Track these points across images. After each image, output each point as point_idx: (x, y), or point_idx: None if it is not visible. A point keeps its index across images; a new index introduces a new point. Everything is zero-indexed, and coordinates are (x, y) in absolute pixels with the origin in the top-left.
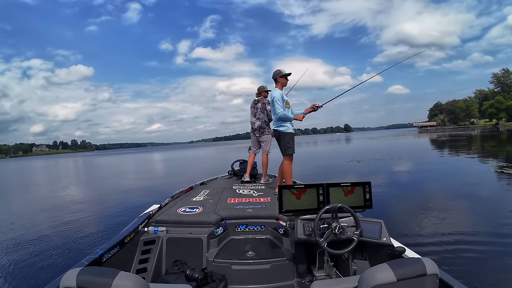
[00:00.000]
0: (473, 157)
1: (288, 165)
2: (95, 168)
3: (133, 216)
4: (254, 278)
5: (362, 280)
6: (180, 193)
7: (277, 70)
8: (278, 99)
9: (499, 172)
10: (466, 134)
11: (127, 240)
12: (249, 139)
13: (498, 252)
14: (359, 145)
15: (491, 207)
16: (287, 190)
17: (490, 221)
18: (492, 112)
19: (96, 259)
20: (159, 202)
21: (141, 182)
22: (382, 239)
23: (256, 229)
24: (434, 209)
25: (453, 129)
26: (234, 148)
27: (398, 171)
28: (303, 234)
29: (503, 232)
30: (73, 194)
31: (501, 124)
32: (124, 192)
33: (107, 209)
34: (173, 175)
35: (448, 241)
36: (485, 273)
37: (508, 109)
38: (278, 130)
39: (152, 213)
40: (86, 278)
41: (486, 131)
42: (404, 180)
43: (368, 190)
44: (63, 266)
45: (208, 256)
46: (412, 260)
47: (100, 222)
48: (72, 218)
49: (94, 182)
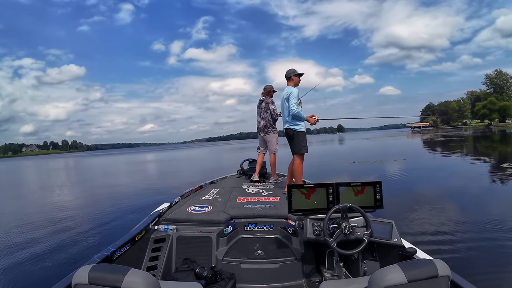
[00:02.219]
0: (479, 157)
1: (299, 164)
2: (91, 168)
3: (144, 214)
4: (263, 277)
5: (372, 281)
6: (190, 192)
7: (291, 69)
8: (294, 96)
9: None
10: (462, 134)
11: (137, 238)
12: (243, 139)
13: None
14: (357, 146)
15: (505, 208)
16: (296, 190)
17: (504, 222)
18: (485, 113)
19: (107, 256)
20: (169, 200)
21: (140, 183)
22: (393, 239)
23: (265, 228)
24: (446, 210)
25: (446, 129)
26: (228, 150)
27: (405, 172)
28: (313, 233)
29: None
30: (84, 194)
31: (494, 125)
32: (130, 192)
33: (117, 207)
34: (172, 175)
35: (460, 242)
36: (499, 276)
37: (500, 110)
38: (292, 129)
39: (162, 212)
40: (98, 274)
41: (481, 132)
42: (414, 181)
43: (378, 190)
44: (75, 263)
45: (217, 254)
46: (423, 261)
47: (111, 221)
48: (83, 217)
49: (101, 182)
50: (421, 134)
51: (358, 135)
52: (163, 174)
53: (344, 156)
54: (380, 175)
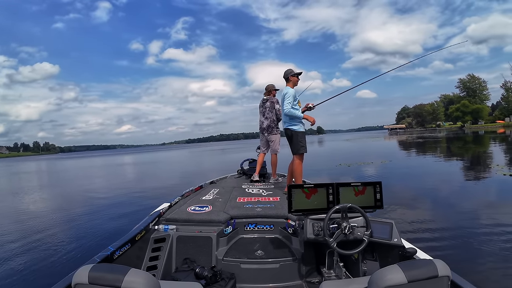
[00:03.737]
0: (462, 158)
1: (299, 164)
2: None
3: (144, 214)
4: (263, 277)
5: (372, 281)
6: (190, 192)
7: (289, 69)
8: (289, 96)
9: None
10: (436, 136)
11: (138, 238)
12: (223, 141)
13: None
14: (339, 147)
15: (504, 208)
16: (296, 190)
17: (504, 222)
18: (458, 115)
19: (107, 256)
20: (169, 200)
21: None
22: (393, 240)
23: (265, 228)
24: (445, 210)
25: (422, 131)
26: (208, 151)
27: (395, 173)
28: (313, 234)
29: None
30: (83, 194)
31: (467, 127)
32: (129, 191)
33: (117, 207)
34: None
35: (460, 242)
36: (499, 276)
37: (473, 113)
38: (291, 129)
39: (162, 212)
40: (98, 274)
41: (455, 134)
42: (407, 182)
43: (378, 190)
44: (75, 262)
45: (217, 254)
46: (423, 261)
47: (111, 220)
48: (83, 216)
49: (99, 182)
50: (397, 135)
51: (338, 137)
52: (142, 178)
53: (329, 158)
54: (373, 178)
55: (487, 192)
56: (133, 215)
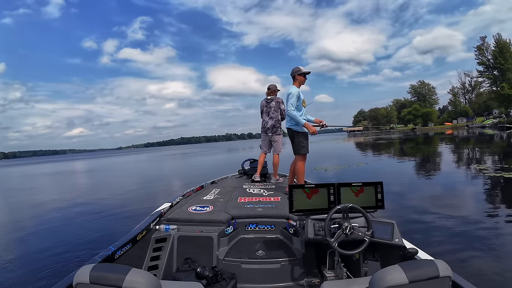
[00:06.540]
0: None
1: (301, 164)
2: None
3: (145, 214)
4: (263, 277)
5: (373, 281)
6: (191, 192)
7: (296, 68)
8: (292, 96)
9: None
10: (395, 137)
11: (139, 238)
12: (184, 144)
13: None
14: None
15: (505, 208)
16: (297, 190)
17: (506, 223)
18: (410, 118)
19: (108, 256)
20: (170, 200)
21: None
22: (394, 240)
23: (266, 228)
24: (446, 210)
25: (378, 133)
26: (170, 156)
27: (380, 176)
28: (314, 234)
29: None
30: (85, 194)
31: (418, 129)
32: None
33: (118, 207)
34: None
35: (462, 243)
36: (501, 276)
37: (423, 116)
38: (292, 129)
39: (163, 211)
40: (99, 274)
41: (409, 135)
42: (396, 184)
43: (380, 190)
44: (76, 262)
45: (218, 254)
46: (424, 262)
47: (112, 220)
48: (83, 216)
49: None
50: (355, 137)
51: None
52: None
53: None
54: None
55: (487, 192)
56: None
